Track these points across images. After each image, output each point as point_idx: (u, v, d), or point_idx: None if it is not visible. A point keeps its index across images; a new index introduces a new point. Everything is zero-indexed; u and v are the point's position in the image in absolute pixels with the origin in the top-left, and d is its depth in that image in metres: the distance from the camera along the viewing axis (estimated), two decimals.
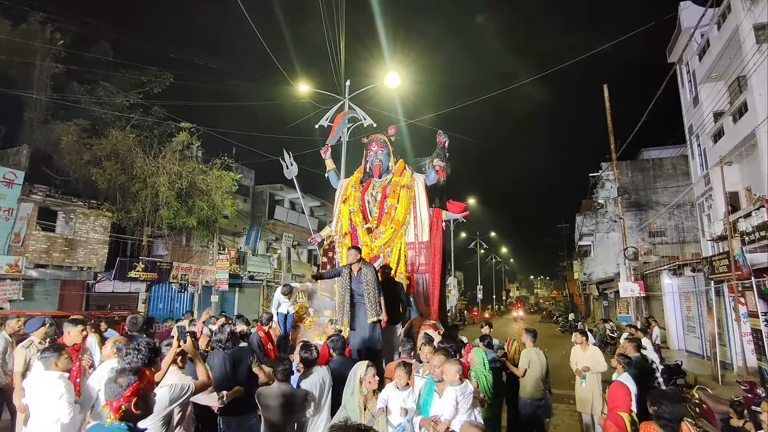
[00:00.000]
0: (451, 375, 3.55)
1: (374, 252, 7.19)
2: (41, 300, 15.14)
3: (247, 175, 23.48)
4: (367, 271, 5.71)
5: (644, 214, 24.32)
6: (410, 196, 7.54)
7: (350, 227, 7.58)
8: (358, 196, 7.80)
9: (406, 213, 7.42)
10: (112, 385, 2.24)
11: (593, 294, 34.26)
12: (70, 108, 16.64)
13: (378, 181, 7.89)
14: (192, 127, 17.64)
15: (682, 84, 17.84)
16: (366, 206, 7.79)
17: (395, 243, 7.30)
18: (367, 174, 8.14)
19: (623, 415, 3.75)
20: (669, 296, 18.00)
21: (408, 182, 7.64)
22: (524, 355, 6.04)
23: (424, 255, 7.32)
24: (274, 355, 5.92)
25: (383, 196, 7.67)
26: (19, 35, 15.50)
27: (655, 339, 12.31)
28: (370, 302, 5.53)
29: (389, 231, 7.27)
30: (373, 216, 7.65)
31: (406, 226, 7.43)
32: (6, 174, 14.04)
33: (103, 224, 16.69)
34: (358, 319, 5.63)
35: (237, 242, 23.28)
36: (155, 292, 18.21)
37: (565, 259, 49.36)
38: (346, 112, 9.15)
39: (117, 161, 16.12)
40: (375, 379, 3.84)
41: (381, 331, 5.63)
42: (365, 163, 8.23)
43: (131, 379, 2.25)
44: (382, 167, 7.89)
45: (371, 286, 5.60)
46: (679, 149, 23.07)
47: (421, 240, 7.39)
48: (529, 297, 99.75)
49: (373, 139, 8.18)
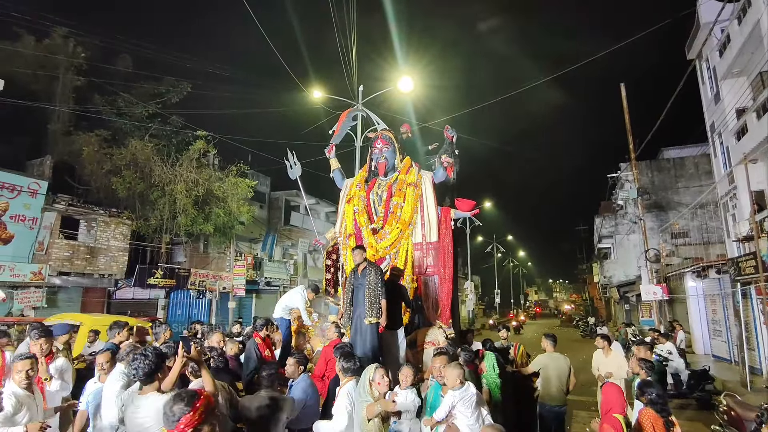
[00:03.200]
0: (452, 379, 3.60)
1: (379, 254, 6.81)
2: (64, 307, 15.32)
3: (262, 181, 23.51)
4: (372, 270, 5.41)
5: (665, 215, 23.69)
6: (417, 195, 7.12)
7: (354, 228, 7.21)
8: (363, 196, 7.43)
9: (412, 212, 7.02)
10: (167, 412, 2.07)
11: (614, 297, 33.51)
12: (92, 119, 16.95)
13: (383, 179, 7.50)
14: (208, 135, 17.84)
15: (703, 81, 17.38)
16: (371, 206, 7.42)
17: (402, 244, 6.89)
18: (372, 172, 7.74)
19: (619, 418, 3.61)
20: (693, 299, 17.48)
21: (415, 180, 7.22)
22: (537, 359, 5.82)
23: (432, 256, 6.89)
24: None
25: (389, 195, 7.28)
26: (43, 50, 15.92)
27: (679, 343, 11.91)
28: (370, 302, 5.22)
29: (395, 231, 6.89)
30: (378, 216, 7.27)
31: (413, 226, 7.02)
32: (30, 184, 14.33)
33: (123, 232, 16.91)
34: (356, 320, 5.33)
35: (253, 248, 23.32)
36: (174, 299, 18.29)
37: (584, 261, 48.51)
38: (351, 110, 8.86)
39: (136, 170, 16.30)
40: (384, 380, 3.74)
41: (379, 336, 5.27)
42: (370, 161, 7.83)
43: (183, 410, 2.03)
44: (387, 165, 7.46)
45: (373, 285, 5.29)
46: (701, 148, 22.48)
47: (428, 240, 6.96)
48: (548, 300, 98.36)
49: (378, 135, 7.78)
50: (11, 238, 13.88)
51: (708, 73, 16.80)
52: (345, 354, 4.03)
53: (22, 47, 15.36)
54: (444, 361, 3.89)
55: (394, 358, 5.40)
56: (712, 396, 8.99)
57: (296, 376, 4.06)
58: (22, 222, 14.13)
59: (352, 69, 14.28)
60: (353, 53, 14.13)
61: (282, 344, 6.55)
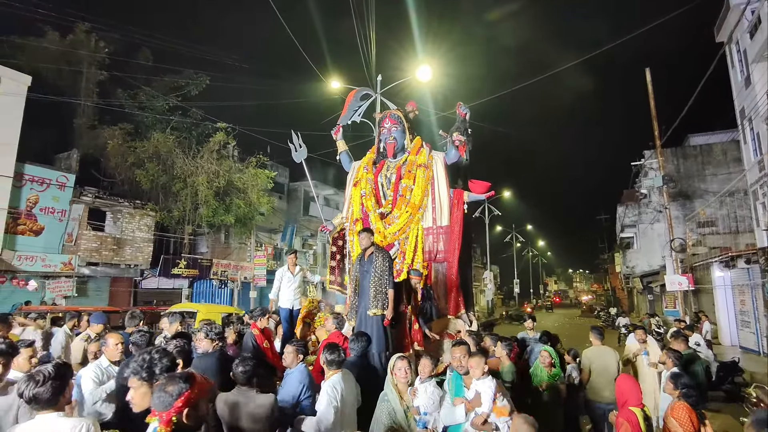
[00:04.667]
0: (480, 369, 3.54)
1: (388, 239, 6.40)
2: (93, 296, 15.78)
3: (281, 172, 23.52)
4: (379, 255, 4.97)
5: (691, 203, 22.98)
6: (428, 177, 6.65)
7: (362, 213, 6.78)
8: (371, 179, 6.99)
9: (423, 195, 6.55)
10: (161, 394, 1.90)
11: (637, 287, 32.85)
12: (115, 113, 17.20)
13: (392, 161, 7.03)
14: (228, 126, 18.00)
15: (732, 65, 16.71)
16: (379, 189, 6.97)
17: (411, 229, 6.44)
18: (380, 154, 7.28)
19: (635, 411, 3.45)
20: (720, 290, 17.01)
21: (425, 161, 6.74)
22: (584, 355, 5.57)
23: (443, 241, 6.43)
24: (272, 355, 5.16)
25: (398, 177, 6.81)
26: (67, 45, 16.18)
27: (705, 334, 11.63)
28: (375, 291, 4.80)
29: (404, 215, 6.44)
30: (387, 200, 6.83)
31: (423, 209, 6.56)
32: (59, 177, 14.69)
33: (148, 223, 17.23)
34: (360, 310, 4.92)
35: (273, 239, 23.45)
36: (197, 288, 18.55)
37: (605, 251, 47.66)
38: (359, 89, 8.30)
39: (159, 162, 16.50)
40: (402, 372, 3.59)
41: (385, 329, 4.79)
42: (378, 143, 7.37)
43: (182, 387, 1.90)
44: (396, 146, 6.97)
45: (379, 272, 4.85)
46: (730, 134, 21.74)
47: (439, 224, 6.50)
48: (568, 291, 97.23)
49: (386, 114, 7.27)
50: (42, 230, 14.32)
51: (738, 57, 16.15)
52: (330, 346, 3.68)
53: (48, 43, 15.67)
54: (464, 351, 3.79)
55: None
56: (741, 388, 8.79)
57: (293, 366, 3.77)
58: (52, 214, 14.54)
59: (370, 58, 14.17)
60: (372, 42, 14.03)
61: (282, 336, 6.17)
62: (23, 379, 2.28)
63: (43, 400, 2.18)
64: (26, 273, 13.66)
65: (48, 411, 2.21)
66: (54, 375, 2.23)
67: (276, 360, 4.94)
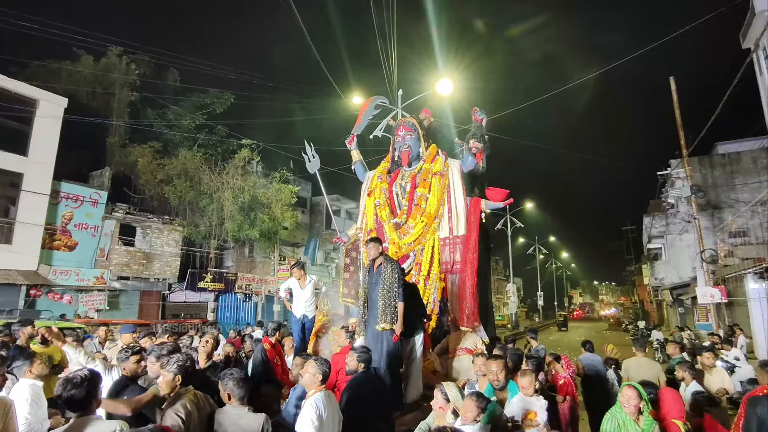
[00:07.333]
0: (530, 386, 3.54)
1: (403, 250, 6.13)
2: (124, 309, 16.06)
3: (304, 187, 23.69)
4: (388, 266, 4.63)
5: (720, 213, 22.24)
6: (444, 185, 6.39)
7: (376, 223, 6.55)
8: (385, 188, 6.76)
9: (439, 204, 6.27)
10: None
11: (666, 300, 31.80)
12: (144, 131, 17.81)
13: (407, 170, 6.80)
14: (252, 143, 18.43)
15: (760, 71, 16.35)
16: (394, 199, 6.74)
17: (427, 239, 6.16)
18: (395, 163, 7.07)
19: (678, 423, 3.38)
20: (756, 302, 16.36)
21: (441, 169, 6.48)
22: (624, 365, 5.45)
23: (459, 251, 6.12)
24: (282, 371, 4.95)
25: (413, 186, 6.56)
26: (101, 69, 16.89)
27: (740, 348, 11.26)
28: (383, 304, 4.48)
29: (420, 225, 6.16)
30: (402, 209, 6.58)
31: (439, 219, 6.28)
32: (92, 194, 15.16)
33: (176, 238, 17.59)
34: (369, 325, 4.63)
35: (296, 253, 23.51)
36: (223, 302, 18.71)
37: (632, 263, 46.42)
38: (373, 98, 8.18)
39: (186, 179, 16.84)
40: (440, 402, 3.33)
41: (393, 345, 4.44)
42: (393, 151, 7.14)
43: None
44: (411, 154, 6.74)
45: (388, 284, 4.53)
46: (760, 141, 21.14)
47: (456, 234, 6.19)
48: (594, 303, 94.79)
49: (401, 122, 7.10)
50: (76, 246, 14.78)
51: (766, 63, 15.82)
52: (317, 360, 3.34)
53: (82, 67, 16.40)
54: (501, 366, 3.71)
55: (417, 369, 4.75)
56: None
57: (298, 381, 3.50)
58: (85, 230, 15.01)
59: (391, 73, 14.38)
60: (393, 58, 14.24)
61: (294, 349, 5.89)
62: (60, 381, 2.48)
63: (77, 400, 2.38)
64: (61, 287, 14.03)
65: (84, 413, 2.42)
66: (89, 378, 2.46)
67: (286, 377, 4.82)
